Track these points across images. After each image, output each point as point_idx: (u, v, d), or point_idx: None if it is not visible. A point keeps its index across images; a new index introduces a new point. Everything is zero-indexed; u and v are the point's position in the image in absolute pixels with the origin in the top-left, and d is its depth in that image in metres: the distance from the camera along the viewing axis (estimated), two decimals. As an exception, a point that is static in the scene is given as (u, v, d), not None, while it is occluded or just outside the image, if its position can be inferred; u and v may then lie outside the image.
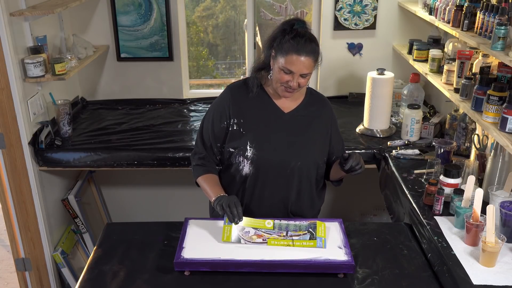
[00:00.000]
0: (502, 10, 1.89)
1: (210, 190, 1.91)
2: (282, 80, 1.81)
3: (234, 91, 1.96)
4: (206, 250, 1.73)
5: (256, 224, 1.82)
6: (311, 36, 1.80)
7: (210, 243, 1.77)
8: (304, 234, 1.78)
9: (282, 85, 1.83)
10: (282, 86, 1.83)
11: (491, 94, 1.89)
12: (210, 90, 3.77)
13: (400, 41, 3.28)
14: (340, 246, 1.75)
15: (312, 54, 1.78)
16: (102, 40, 3.27)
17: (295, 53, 1.76)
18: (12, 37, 2.43)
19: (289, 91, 1.84)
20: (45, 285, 2.88)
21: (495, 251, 1.62)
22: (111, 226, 2.09)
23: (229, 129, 1.92)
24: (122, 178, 3.50)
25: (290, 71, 1.78)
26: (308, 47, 1.77)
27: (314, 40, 1.80)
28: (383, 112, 2.75)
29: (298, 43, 1.76)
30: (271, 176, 1.92)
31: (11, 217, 2.69)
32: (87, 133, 2.89)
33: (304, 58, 1.76)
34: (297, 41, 1.76)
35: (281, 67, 1.79)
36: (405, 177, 2.28)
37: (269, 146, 1.90)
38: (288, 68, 1.78)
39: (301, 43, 1.76)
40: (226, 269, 1.68)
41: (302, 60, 1.76)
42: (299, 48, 1.76)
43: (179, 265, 1.68)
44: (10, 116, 2.49)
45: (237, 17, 4.23)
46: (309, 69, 1.79)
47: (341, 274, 1.68)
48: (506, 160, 1.94)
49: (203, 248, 1.74)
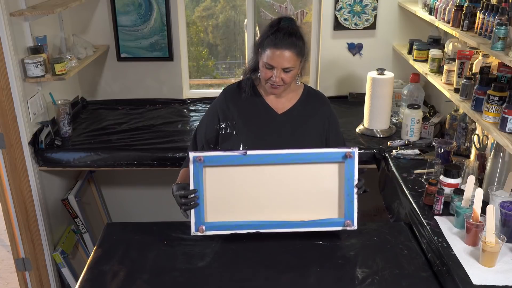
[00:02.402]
0: (502, 10, 1.89)
1: (177, 180, 1.93)
2: (266, 77, 1.82)
3: (227, 94, 1.97)
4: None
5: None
6: (292, 31, 1.80)
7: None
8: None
9: (267, 82, 1.84)
10: (267, 83, 1.84)
11: (491, 94, 1.89)
12: (210, 90, 3.77)
13: (400, 41, 3.28)
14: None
15: (291, 48, 1.77)
16: (102, 40, 3.27)
17: (273, 47, 1.77)
18: (12, 37, 2.43)
19: (274, 87, 1.85)
20: (45, 285, 2.88)
21: (495, 251, 1.62)
22: (111, 226, 2.09)
23: (221, 132, 1.93)
24: (122, 178, 3.50)
25: (271, 66, 1.79)
26: (286, 40, 1.77)
27: (294, 34, 1.80)
28: (383, 112, 2.74)
29: (276, 37, 1.77)
30: None
31: (11, 217, 2.69)
32: (87, 133, 2.89)
33: (282, 51, 1.76)
34: (276, 35, 1.77)
35: (264, 63, 1.81)
36: (405, 177, 2.28)
37: (262, 147, 1.89)
38: (269, 63, 1.79)
39: (279, 37, 1.77)
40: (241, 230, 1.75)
41: (280, 54, 1.76)
42: (277, 42, 1.76)
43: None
44: (10, 116, 2.49)
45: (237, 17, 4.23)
46: (290, 62, 1.79)
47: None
48: (506, 160, 1.94)
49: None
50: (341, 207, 1.76)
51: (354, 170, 1.73)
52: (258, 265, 1.73)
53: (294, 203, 1.77)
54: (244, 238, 1.84)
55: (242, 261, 1.76)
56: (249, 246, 1.82)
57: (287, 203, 1.77)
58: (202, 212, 1.75)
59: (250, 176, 1.75)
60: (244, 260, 1.76)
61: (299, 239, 1.84)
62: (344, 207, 1.75)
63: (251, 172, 1.75)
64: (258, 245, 1.82)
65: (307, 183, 1.76)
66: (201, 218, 1.75)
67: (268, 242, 1.83)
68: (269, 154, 1.73)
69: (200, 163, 1.71)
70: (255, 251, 1.80)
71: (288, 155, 1.73)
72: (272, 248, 1.81)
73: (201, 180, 1.73)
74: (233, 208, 1.76)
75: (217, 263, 1.75)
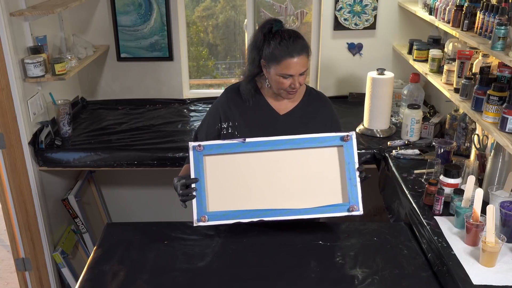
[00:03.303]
0: (502, 10, 1.89)
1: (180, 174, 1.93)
2: (284, 86, 1.81)
3: (229, 94, 1.96)
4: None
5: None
6: (295, 33, 1.79)
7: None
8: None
9: (284, 90, 1.83)
10: (283, 90, 1.83)
11: (491, 94, 1.89)
12: (210, 90, 3.77)
13: (400, 41, 3.28)
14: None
15: (304, 51, 1.78)
16: (102, 40, 3.27)
17: (288, 56, 1.75)
18: (12, 37, 2.43)
19: (293, 92, 1.85)
20: (45, 285, 2.88)
21: (495, 251, 1.62)
22: (111, 226, 2.09)
23: (223, 132, 1.92)
24: (122, 178, 3.50)
25: (289, 75, 1.78)
26: (298, 46, 1.76)
27: (299, 36, 1.79)
28: (383, 112, 2.74)
29: (288, 46, 1.75)
30: None
31: (11, 217, 2.69)
32: (87, 133, 2.89)
33: (298, 58, 1.76)
34: (285, 44, 1.75)
35: (279, 74, 1.79)
36: (405, 177, 2.28)
37: None
38: (287, 73, 1.77)
39: (290, 44, 1.75)
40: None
41: (297, 61, 1.76)
42: (290, 51, 1.75)
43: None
44: (10, 116, 2.49)
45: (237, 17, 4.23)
46: (305, 66, 1.79)
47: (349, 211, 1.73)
48: (506, 160, 1.94)
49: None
50: (345, 192, 1.76)
51: (354, 154, 1.74)
52: (258, 265, 1.73)
53: (296, 190, 1.76)
54: (244, 237, 1.84)
55: (242, 261, 1.75)
56: (249, 246, 1.82)
57: (289, 190, 1.77)
58: (204, 202, 1.75)
59: (250, 163, 1.76)
60: (244, 260, 1.76)
61: (299, 239, 1.84)
62: (347, 191, 1.75)
63: (251, 160, 1.76)
64: (258, 245, 1.82)
65: (308, 169, 1.76)
66: (203, 208, 1.75)
67: (268, 242, 1.83)
68: (268, 140, 1.75)
69: (200, 152, 1.72)
70: (255, 251, 1.80)
71: (286, 140, 1.75)
72: (272, 248, 1.81)
73: (201, 169, 1.74)
74: (235, 197, 1.76)
75: (217, 263, 1.75)
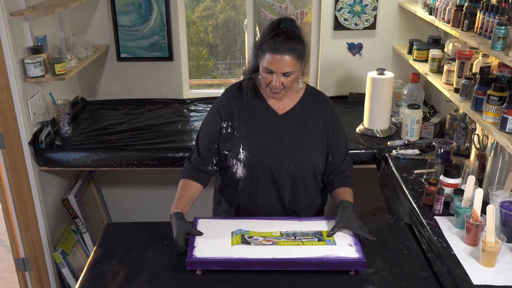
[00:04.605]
0: (502, 10, 1.89)
1: (175, 200, 1.92)
2: (267, 81, 1.81)
3: (229, 94, 1.96)
4: (217, 249, 1.72)
5: (263, 234, 1.81)
6: (292, 34, 1.78)
7: (221, 242, 1.76)
8: (312, 238, 1.78)
9: (268, 86, 1.83)
10: (268, 87, 1.83)
11: (491, 94, 1.89)
12: (210, 90, 3.77)
13: (400, 41, 3.28)
14: (350, 244, 1.74)
15: (291, 52, 1.76)
16: (102, 40, 3.27)
17: (272, 52, 1.75)
18: (12, 37, 2.43)
19: (275, 92, 1.84)
20: (45, 285, 2.88)
21: (495, 251, 1.62)
22: (111, 226, 2.09)
23: (222, 132, 1.92)
24: (122, 178, 3.50)
25: (270, 71, 1.78)
26: (286, 45, 1.75)
27: (294, 38, 1.77)
28: (383, 112, 2.74)
29: (276, 42, 1.75)
30: (264, 179, 1.91)
31: (11, 217, 2.69)
32: (87, 133, 2.89)
33: (282, 56, 1.75)
34: (275, 40, 1.76)
35: (264, 68, 1.80)
36: (405, 177, 2.28)
37: (262, 148, 1.89)
38: (269, 68, 1.78)
39: (279, 41, 1.75)
40: (238, 268, 1.68)
41: (279, 59, 1.75)
42: (276, 47, 1.75)
43: (191, 264, 1.68)
44: (10, 116, 2.49)
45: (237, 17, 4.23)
46: (290, 67, 1.77)
47: (352, 271, 1.68)
48: (506, 160, 1.94)
49: (215, 247, 1.73)
50: None
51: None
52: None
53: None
54: (244, 238, 1.84)
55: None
56: (249, 246, 1.82)
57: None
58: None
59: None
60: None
61: (299, 239, 1.83)
62: None
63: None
64: (258, 245, 1.82)
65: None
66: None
67: (268, 242, 1.83)
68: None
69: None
70: (255, 251, 1.80)
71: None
72: (272, 248, 1.80)
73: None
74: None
75: (217, 263, 1.74)
